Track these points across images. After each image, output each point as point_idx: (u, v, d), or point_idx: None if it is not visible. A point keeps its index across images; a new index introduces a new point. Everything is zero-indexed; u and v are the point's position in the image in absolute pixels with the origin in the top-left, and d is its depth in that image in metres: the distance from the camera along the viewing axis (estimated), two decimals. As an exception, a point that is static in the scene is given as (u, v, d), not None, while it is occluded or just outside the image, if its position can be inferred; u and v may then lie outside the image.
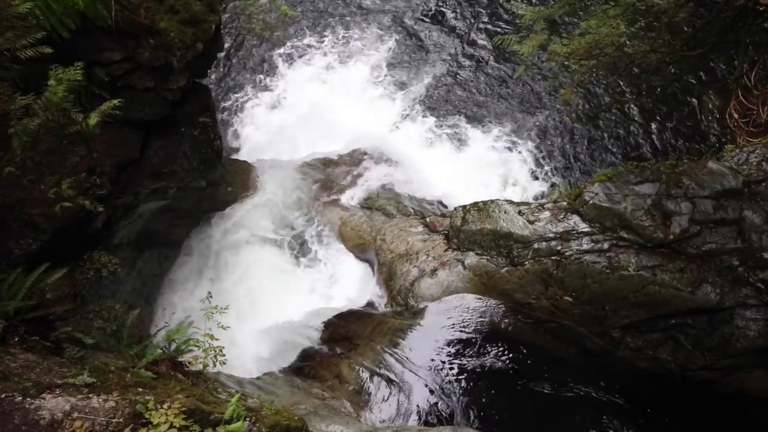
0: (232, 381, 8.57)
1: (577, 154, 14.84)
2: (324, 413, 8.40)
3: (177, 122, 10.21)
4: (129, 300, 10.10)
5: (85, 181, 8.19)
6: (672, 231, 9.16)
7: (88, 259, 8.59)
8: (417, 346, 9.76)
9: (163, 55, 8.88)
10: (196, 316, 7.26)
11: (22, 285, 6.45)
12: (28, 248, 7.88)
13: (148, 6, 8.54)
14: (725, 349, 8.93)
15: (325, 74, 16.50)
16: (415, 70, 16.62)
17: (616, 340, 9.43)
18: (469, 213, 10.66)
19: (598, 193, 9.61)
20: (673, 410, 9.12)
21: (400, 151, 14.49)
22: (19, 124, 6.47)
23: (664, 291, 8.97)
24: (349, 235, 12.44)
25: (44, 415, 4.65)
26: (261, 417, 5.54)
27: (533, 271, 9.69)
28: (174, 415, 4.74)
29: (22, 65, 6.66)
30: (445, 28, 17.54)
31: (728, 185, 9.39)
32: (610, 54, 8.81)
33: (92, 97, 8.04)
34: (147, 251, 11.23)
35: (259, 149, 14.58)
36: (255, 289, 11.88)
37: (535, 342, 9.71)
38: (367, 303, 11.18)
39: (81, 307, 8.10)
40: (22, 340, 6.07)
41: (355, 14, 17.87)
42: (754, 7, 8.34)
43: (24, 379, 5.06)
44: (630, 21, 8.52)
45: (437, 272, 10.45)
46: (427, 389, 9.27)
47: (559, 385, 9.30)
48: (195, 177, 10.85)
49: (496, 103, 15.87)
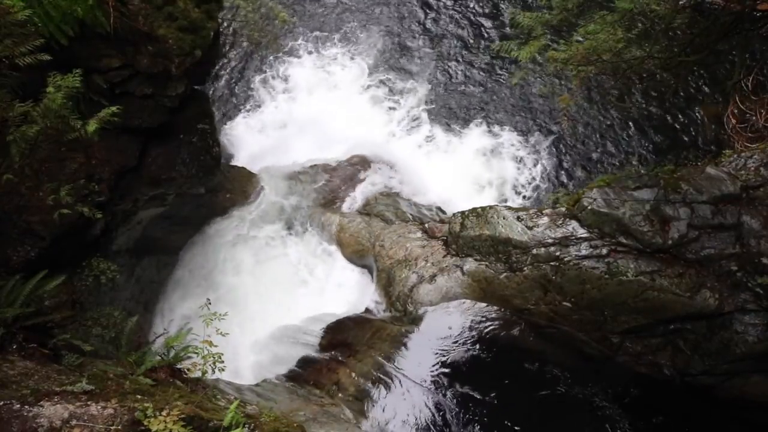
0: (231, 388, 8.57)
1: (576, 159, 14.86)
2: (323, 420, 8.39)
3: (175, 129, 10.20)
4: (128, 307, 10.08)
5: (83, 187, 8.20)
6: (671, 236, 9.17)
7: (86, 266, 8.59)
8: (416, 352, 9.75)
9: (162, 62, 8.89)
10: (194, 322, 7.25)
11: (21, 292, 6.46)
12: (26, 255, 7.88)
13: (146, 13, 8.54)
14: (724, 354, 8.93)
15: (323, 80, 16.50)
16: (414, 76, 16.64)
17: (615, 346, 9.43)
18: (467, 219, 10.66)
19: (596, 199, 9.62)
20: (673, 415, 9.12)
21: (398, 157, 14.50)
22: (18, 131, 6.47)
23: (663, 296, 8.97)
24: (347, 241, 12.44)
25: (43, 423, 4.64)
26: (260, 424, 5.53)
27: (532, 277, 9.68)
28: (173, 422, 4.73)
29: (21, 72, 6.67)
30: (443, 34, 17.56)
31: (726, 190, 9.40)
32: (608, 60, 8.83)
33: (91, 104, 8.03)
34: (146, 258, 11.22)
35: (257, 156, 14.56)
36: (254, 295, 11.87)
37: (534, 347, 9.70)
38: (366, 309, 11.16)
39: (80, 314, 8.10)
40: (20, 347, 6.07)
41: (353, 21, 17.89)
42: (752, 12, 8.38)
43: (22, 386, 5.06)
44: (628, 27, 8.54)
45: (436, 278, 10.45)
46: (426, 395, 9.26)
47: (558, 390, 9.29)
48: (193, 184, 10.85)
49: (494, 109, 15.89)
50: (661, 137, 14.88)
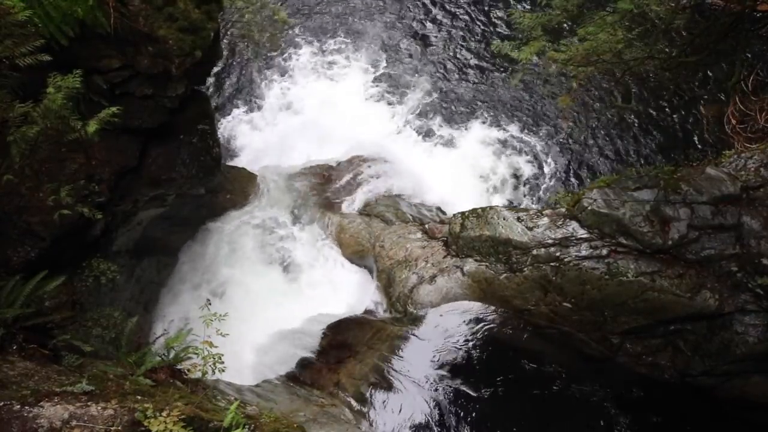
0: (231, 388, 8.56)
1: (576, 160, 14.86)
2: (323, 420, 8.39)
3: (176, 130, 10.20)
4: (128, 307, 10.07)
5: (83, 188, 8.20)
6: (671, 237, 9.17)
7: (86, 267, 8.59)
8: (416, 353, 9.75)
9: (162, 63, 8.88)
10: (194, 323, 7.24)
11: (21, 293, 6.46)
12: (26, 256, 7.88)
13: (147, 14, 8.53)
14: (725, 355, 8.93)
15: (323, 80, 16.51)
16: (414, 77, 16.65)
17: (615, 346, 9.43)
18: (467, 219, 10.66)
19: (596, 200, 9.62)
20: (673, 416, 9.12)
21: (398, 157, 14.49)
22: (18, 132, 6.48)
23: (663, 297, 8.97)
24: (347, 241, 12.43)
25: (42, 424, 4.64)
26: (260, 424, 5.53)
27: (532, 278, 9.68)
28: (173, 423, 4.73)
29: (21, 73, 6.67)
30: (443, 35, 17.57)
31: (726, 191, 9.40)
32: (608, 60, 8.83)
33: (91, 105, 8.03)
34: (146, 258, 11.22)
35: (257, 156, 14.58)
36: (254, 295, 11.85)
37: (534, 348, 9.70)
38: (366, 310, 11.15)
39: (80, 315, 8.09)
40: (20, 347, 6.07)
41: (353, 21, 17.90)
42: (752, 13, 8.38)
43: (22, 387, 5.06)
44: (628, 28, 8.55)
45: (436, 279, 10.45)
46: (426, 396, 9.25)
47: (558, 391, 9.29)
48: (194, 184, 10.84)
49: (495, 109, 15.89)
50: (661, 137, 14.87)
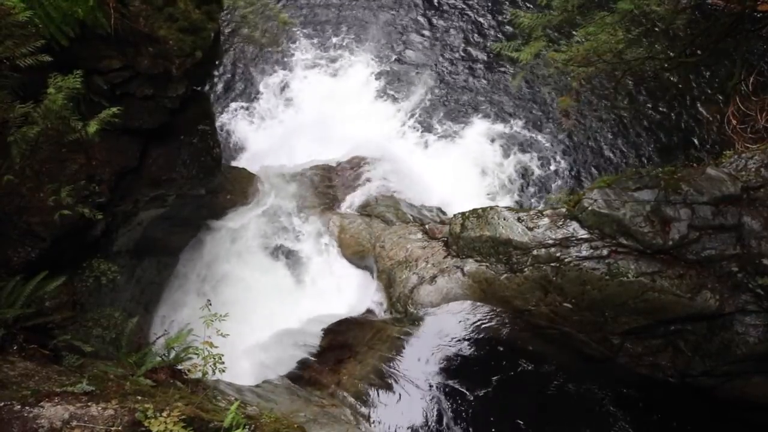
0: (231, 389, 8.55)
1: (576, 160, 14.86)
2: (324, 421, 8.38)
3: (176, 130, 10.20)
4: (128, 308, 10.07)
5: (84, 188, 8.20)
6: (671, 237, 9.17)
7: (87, 267, 8.59)
8: (416, 353, 9.75)
9: (162, 63, 8.89)
10: (195, 323, 7.24)
11: (21, 293, 6.46)
12: (27, 256, 7.87)
13: (147, 14, 8.55)
14: (725, 356, 8.93)
15: (324, 81, 16.51)
16: (414, 78, 16.66)
17: (615, 347, 9.42)
18: (468, 220, 10.65)
19: (597, 200, 9.62)
20: (673, 416, 9.11)
21: (399, 158, 14.50)
22: (19, 132, 6.48)
23: (664, 297, 8.97)
24: (348, 242, 12.43)
25: (43, 424, 4.64)
26: (260, 425, 5.52)
27: (532, 278, 9.68)
28: (173, 423, 4.73)
29: (22, 73, 6.67)
30: (444, 35, 17.58)
31: (727, 191, 9.40)
32: (608, 60, 8.83)
33: (91, 105, 8.04)
34: (146, 259, 11.22)
35: (258, 157, 14.58)
36: (254, 295, 11.85)
37: (534, 349, 9.69)
38: (367, 310, 11.16)
39: (80, 315, 8.10)
40: (21, 348, 6.07)
41: (353, 23, 17.91)
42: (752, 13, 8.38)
43: (23, 387, 5.06)
44: (628, 28, 8.54)
45: (436, 279, 10.45)
46: (426, 396, 9.25)
47: (558, 391, 9.28)
48: (194, 185, 10.84)
49: (495, 110, 15.90)
50: (661, 138, 14.87)
